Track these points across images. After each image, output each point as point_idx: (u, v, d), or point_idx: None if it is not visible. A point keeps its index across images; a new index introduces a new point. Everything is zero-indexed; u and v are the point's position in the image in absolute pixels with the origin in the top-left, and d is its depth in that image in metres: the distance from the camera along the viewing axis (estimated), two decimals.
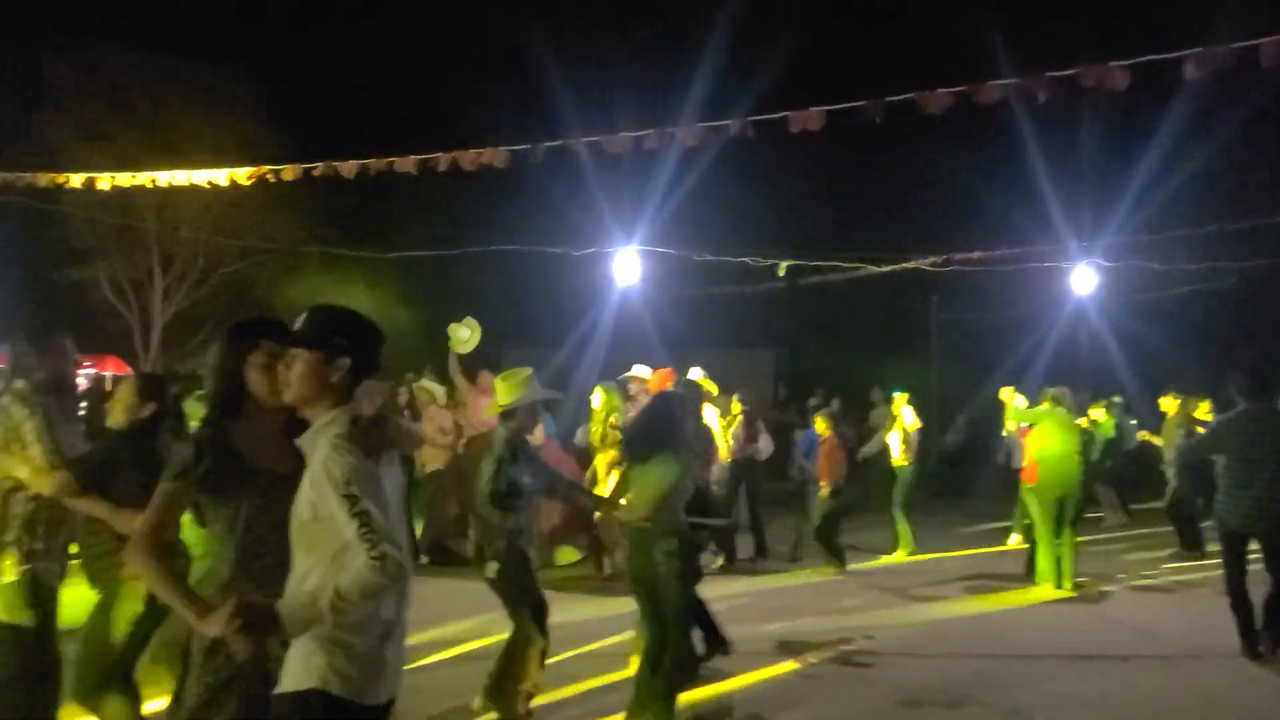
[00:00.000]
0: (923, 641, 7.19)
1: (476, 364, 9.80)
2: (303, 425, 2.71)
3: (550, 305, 19.85)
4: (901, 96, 6.24)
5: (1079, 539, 9.43)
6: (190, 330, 26.88)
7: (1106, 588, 9.10)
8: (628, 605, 5.61)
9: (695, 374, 9.13)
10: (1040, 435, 9.09)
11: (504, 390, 5.22)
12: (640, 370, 9.50)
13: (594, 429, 9.11)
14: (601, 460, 8.80)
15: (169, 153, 25.14)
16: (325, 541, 2.53)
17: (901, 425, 10.91)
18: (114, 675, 3.92)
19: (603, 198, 15.53)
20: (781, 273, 13.05)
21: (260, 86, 26.15)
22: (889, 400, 11.60)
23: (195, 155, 25.14)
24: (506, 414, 5.18)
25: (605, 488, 8.03)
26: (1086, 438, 9.92)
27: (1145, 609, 8.43)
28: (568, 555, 9.45)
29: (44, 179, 9.78)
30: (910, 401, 11.09)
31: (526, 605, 5.11)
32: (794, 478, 10.84)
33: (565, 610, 6.47)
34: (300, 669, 2.53)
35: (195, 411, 4.70)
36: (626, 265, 13.60)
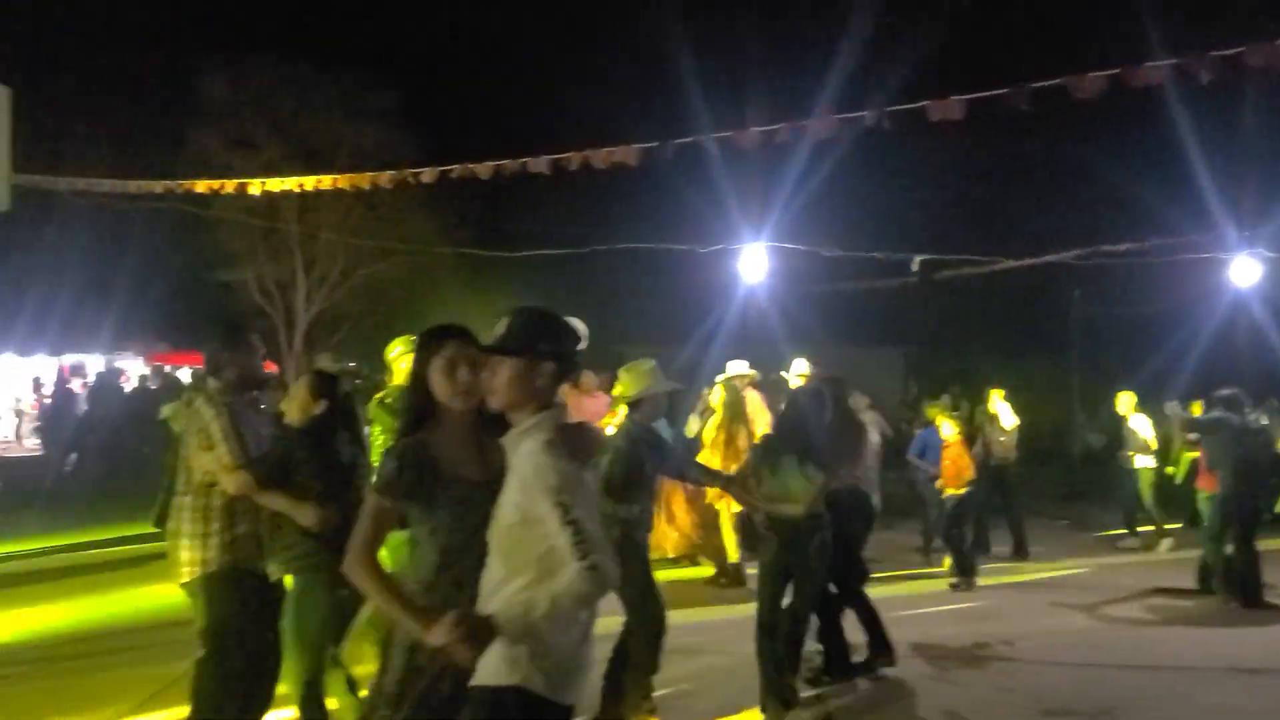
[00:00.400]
0: (1064, 650, 6.89)
1: (596, 363, 9.79)
2: (493, 428, 2.77)
3: (676, 303, 19.87)
4: (1050, 82, 5.96)
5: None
6: (331, 329, 28.06)
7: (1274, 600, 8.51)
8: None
9: (800, 367, 9.00)
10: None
11: (629, 381, 5.23)
12: (738, 366, 9.39)
13: (710, 425, 9.07)
14: (709, 456, 8.71)
15: (311, 159, 26.33)
16: (530, 545, 2.56)
17: (998, 424, 10.57)
18: (319, 672, 4.17)
19: (731, 194, 15.44)
20: (915, 268, 12.68)
21: (397, 92, 27.04)
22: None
23: (336, 161, 26.27)
24: (633, 404, 5.21)
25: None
26: None
27: None
28: (707, 568, 9.26)
29: (200, 186, 10.28)
30: (1008, 398, 10.76)
31: (639, 594, 5.02)
32: (908, 478, 10.57)
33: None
34: (502, 665, 2.55)
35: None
36: (753, 262, 13.50)
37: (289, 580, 4.27)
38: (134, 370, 22.05)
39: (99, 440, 16.96)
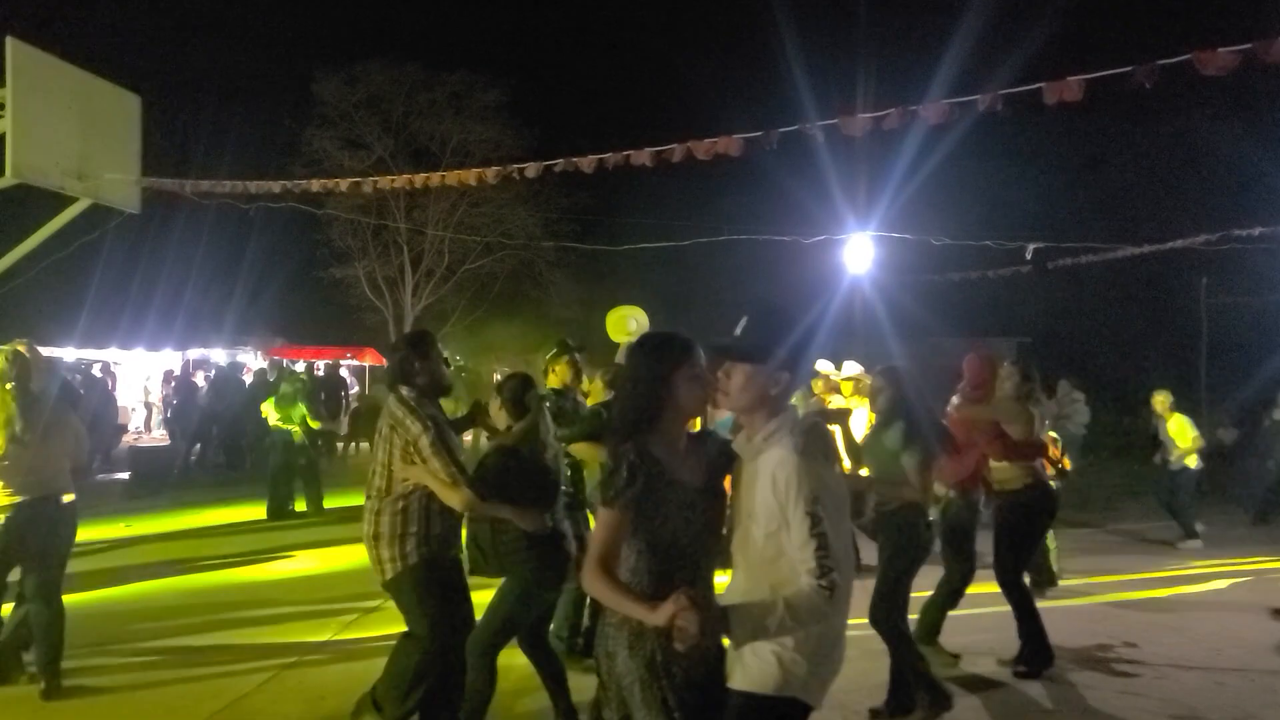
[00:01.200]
0: (1194, 652, 6.56)
1: None
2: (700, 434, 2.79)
3: (780, 294, 19.68)
4: (1176, 59, 5.67)
5: None
6: (438, 323, 28.75)
7: None
8: None
9: (851, 369, 8.80)
10: None
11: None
12: (825, 365, 9.24)
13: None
14: None
15: (419, 157, 27.04)
16: (777, 553, 2.55)
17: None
18: (490, 651, 4.34)
19: (835, 183, 15.19)
20: (1028, 256, 12.24)
21: (502, 91, 27.49)
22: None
23: (443, 159, 26.92)
24: None
25: None
26: None
27: None
28: None
29: (315, 185, 10.60)
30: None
31: None
32: None
33: None
34: (770, 672, 2.54)
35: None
36: (858, 251, 13.28)
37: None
38: (253, 364, 22.93)
39: (220, 431, 17.70)
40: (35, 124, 9.76)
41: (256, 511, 11.57)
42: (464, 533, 4.47)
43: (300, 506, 11.56)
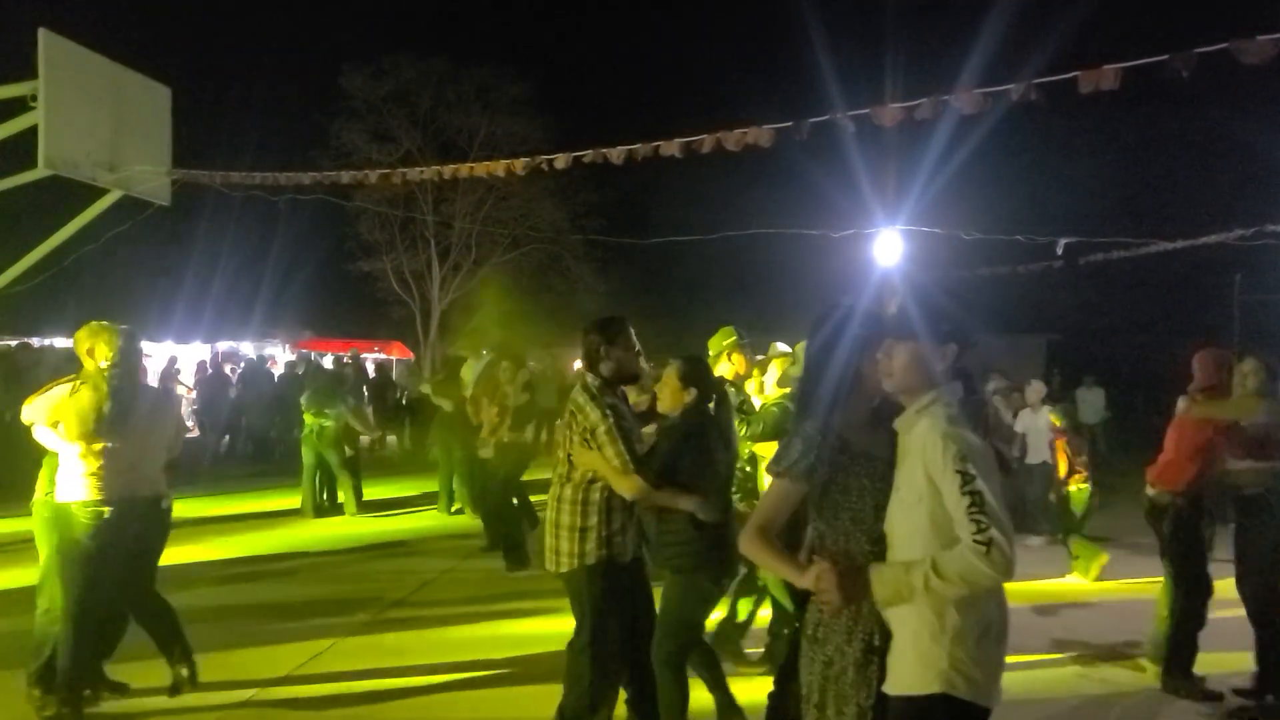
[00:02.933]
0: (1220, 643, 6.46)
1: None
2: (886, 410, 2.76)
3: (808, 290, 19.58)
4: (1214, 47, 5.54)
5: None
6: (465, 316, 28.88)
7: None
8: None
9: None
10: None
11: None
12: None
13: None
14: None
15: (447, 150, 27.12)
16: (929, 522, 2.49)
17: None
18: (675, 659, 4.26)
19: (865, 176, 15.05)
20: (1059, 251, 12.06)
21: (530, 84, 27.57)
22: None
23: (471, 152, 27.00)
24: None
25: None
26: None
27: None
28: None
29: (344, 176, 10.63)
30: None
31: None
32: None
33: None
34: (921, 671, 2.49)
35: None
36: (888, 246, 13.17)
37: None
38: (281, 357, 23.08)
39: (249, 423, 17.83)
40: (66, 116, 9.85)
41: (285, 502, 11.65)
42: None
43: (342, 498, 11.39)
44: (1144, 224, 15.20)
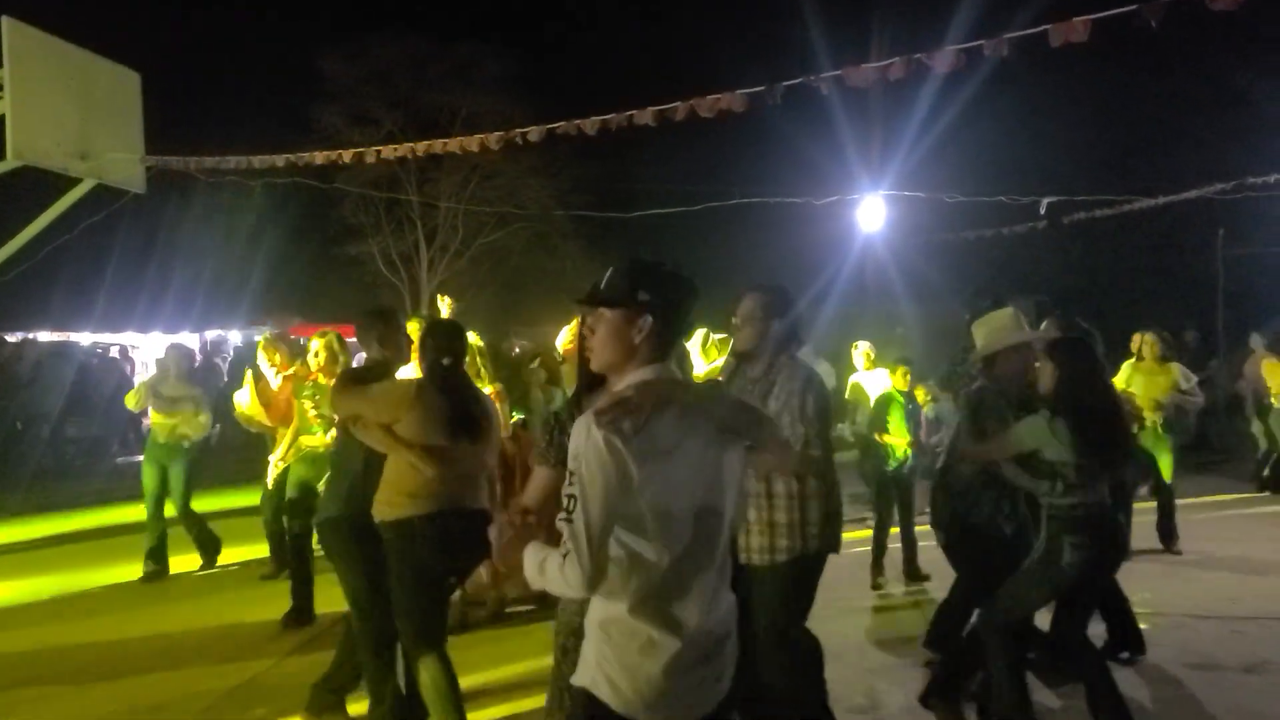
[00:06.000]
0: (1212, 602, 6.51)
1: (719, 323, 9.58)
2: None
3: (793, 257, 19.51)
4: None
5: None
6: (455, 298, 28.75)
7: None
8: None
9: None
10: None
11: (982, 334, 4.65)
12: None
13: None
14: None
15: (429, 131, 26.89)
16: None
17: None
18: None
19: (848, 142, 15.02)
20: (1043, 211, 12.06)
21: (511, 62, 27.35)
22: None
23: (453, 131, 26.79)
24: (988, 361, 4.60)
25: None
26: None
27: None
28: None
29: (319, 158, 10.57)
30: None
31: None
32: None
33: None
34: (582, 663, 2.41)
35: None
36: (871, 212, 13.16)
37: None
38: None
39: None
40: (35, 105, 9.75)
41: None
42: None
43: None
44: (1129, 181, 15.12)
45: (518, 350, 11.35)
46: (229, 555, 8.67)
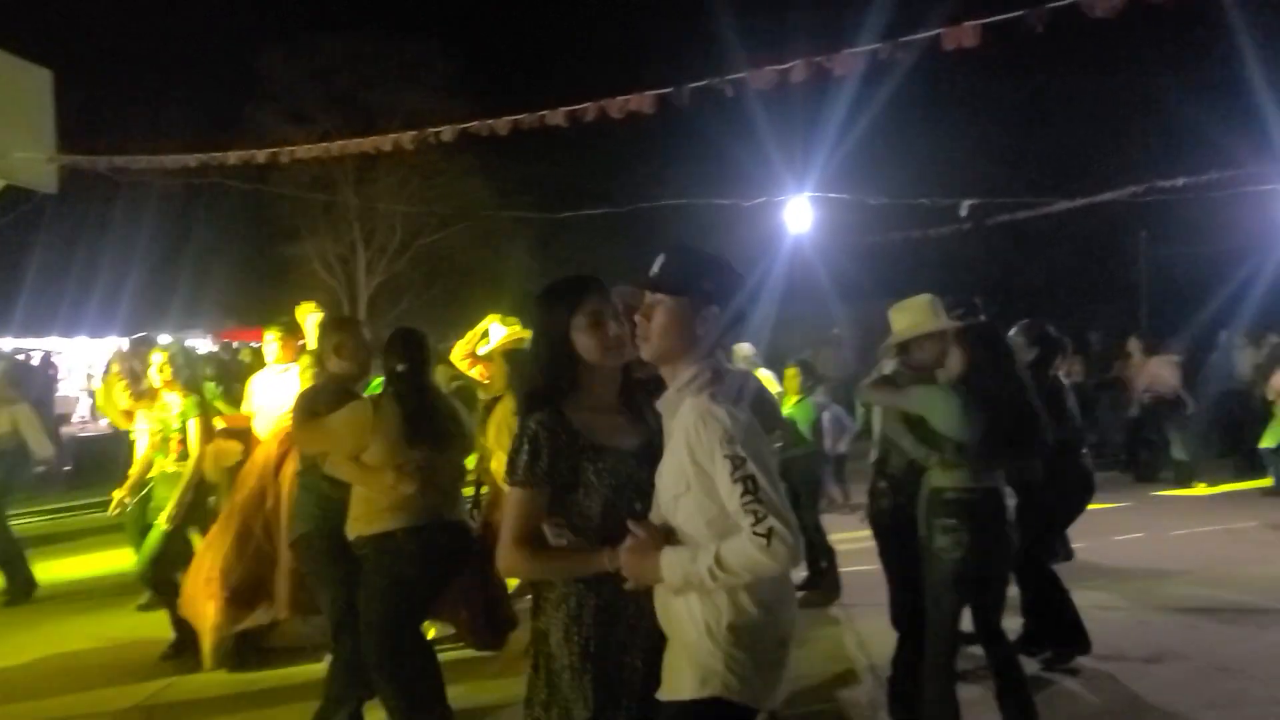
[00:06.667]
0: (1119, 596, 6.63)
1: None
2: (642, 389, 2.51)
3: (725, 258, 19.59)
4: (1064, 1, 5.57)
5: None
6: (394, 300, 28.45)
7: None
8: None
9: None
10: None
11: (898, 318, 4.57)
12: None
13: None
14: None
15: (367, 131, 26.57)
16: (700, 513, 2.28)
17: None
18: None
19: (773, 144, 15.12)
20: (963, 213, 12.20)
21: (451, 62, 27.17)
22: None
23: (391, 131, 26.47)
24: (902, 347, 4.54)
25: None
26: None
27: None
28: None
29: (233, 157, 10.39)
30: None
31: None
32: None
33: None
34: (695, 674, 2.28)
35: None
36: (798, 214, 13.23)
37: None
38: (203, 347, 22.56)
39: None
40: None
41: None
42: None
43: None
44: (1055, 184, 15.40)
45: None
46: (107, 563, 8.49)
